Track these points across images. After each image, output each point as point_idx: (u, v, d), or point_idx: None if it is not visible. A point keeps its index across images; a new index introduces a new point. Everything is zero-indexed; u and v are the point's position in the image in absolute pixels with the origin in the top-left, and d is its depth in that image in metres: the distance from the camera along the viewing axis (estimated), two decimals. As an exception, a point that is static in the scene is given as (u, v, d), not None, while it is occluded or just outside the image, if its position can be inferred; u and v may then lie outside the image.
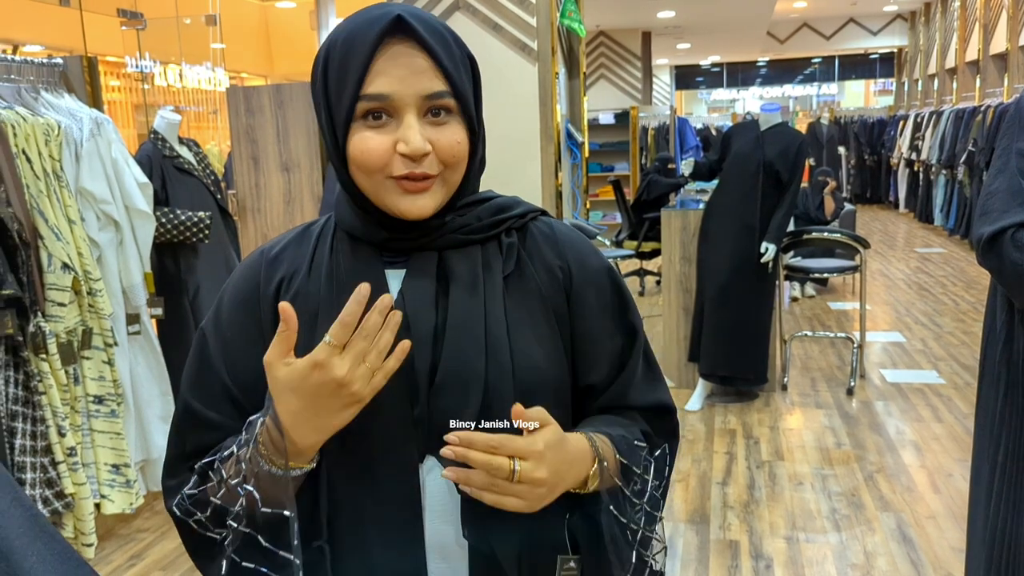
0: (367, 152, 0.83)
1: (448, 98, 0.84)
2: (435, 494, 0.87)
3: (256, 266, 0.94)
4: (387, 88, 0.82)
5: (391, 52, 0.82)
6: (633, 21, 10.28)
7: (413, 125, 0.83)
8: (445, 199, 0.88)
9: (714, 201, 4.42)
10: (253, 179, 5.23)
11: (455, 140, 0.85)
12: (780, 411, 4.29)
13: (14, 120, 2.74)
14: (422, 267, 0.89)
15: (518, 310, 0.90)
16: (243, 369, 0.90)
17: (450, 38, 0.85)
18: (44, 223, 2.77)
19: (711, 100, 23.58)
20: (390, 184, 0.85)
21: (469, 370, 0.85)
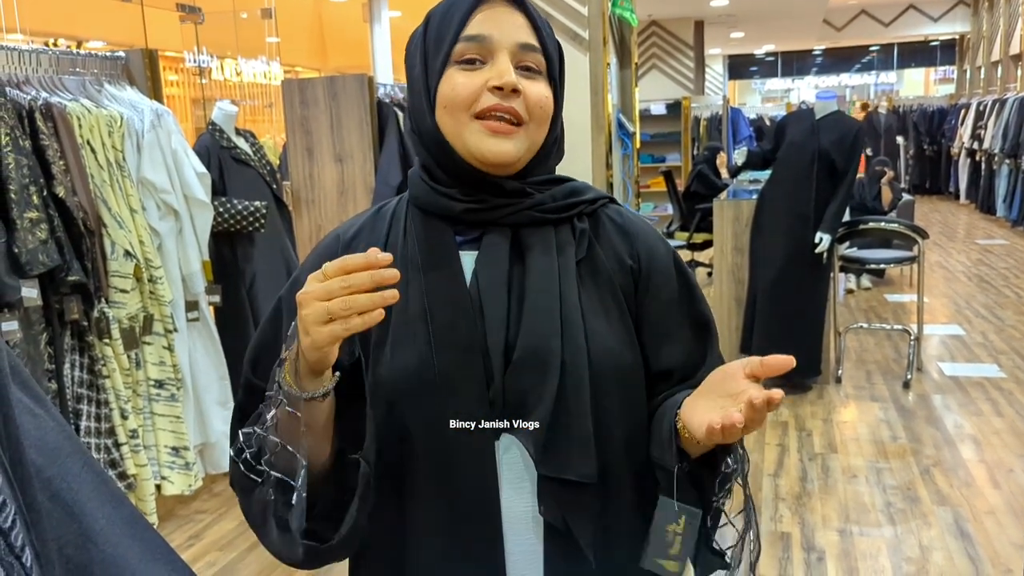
0: (458, 87, 0.87)
1: (539, 55, 0.89)
2: (511, 470, 0.88)
3: (332, 249, 0.95)
4: (486, 30, 0.87)
5: (490, 6, 0.88)
6: (686, 10, 10.16)
7: (507, 64, 0.87)
8: (526, 153, 0.90)
9: (767, 191, 4.36)
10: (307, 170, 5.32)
11: (543, 94, 0.89)
12: (834, 404, 4.22)
13: (79, 112, 2.83)
14: (495, 247, 0.90)
15: (590, 294, 0.91)
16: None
17: (541, 16, 0.92)
18: (107, 212, 2.86)
19: (765, 90, 23.19)
20: (475, 125, 0.87)
21: (546, 350, 0.86)
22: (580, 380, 0.86)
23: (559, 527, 0.87)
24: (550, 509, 0.86)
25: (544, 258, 0.89)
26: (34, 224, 2.52)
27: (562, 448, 0.86)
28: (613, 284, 0.92)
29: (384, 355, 0.89)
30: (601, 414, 0.88)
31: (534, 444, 0.85)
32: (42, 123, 2.67)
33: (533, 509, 0.88)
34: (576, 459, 0.86)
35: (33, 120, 2.64)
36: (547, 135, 0.91)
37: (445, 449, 0.87)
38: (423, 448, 0.88)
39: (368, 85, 4.45)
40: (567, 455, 0.86)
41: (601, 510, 0.89)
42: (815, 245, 4.08)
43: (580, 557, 0.87)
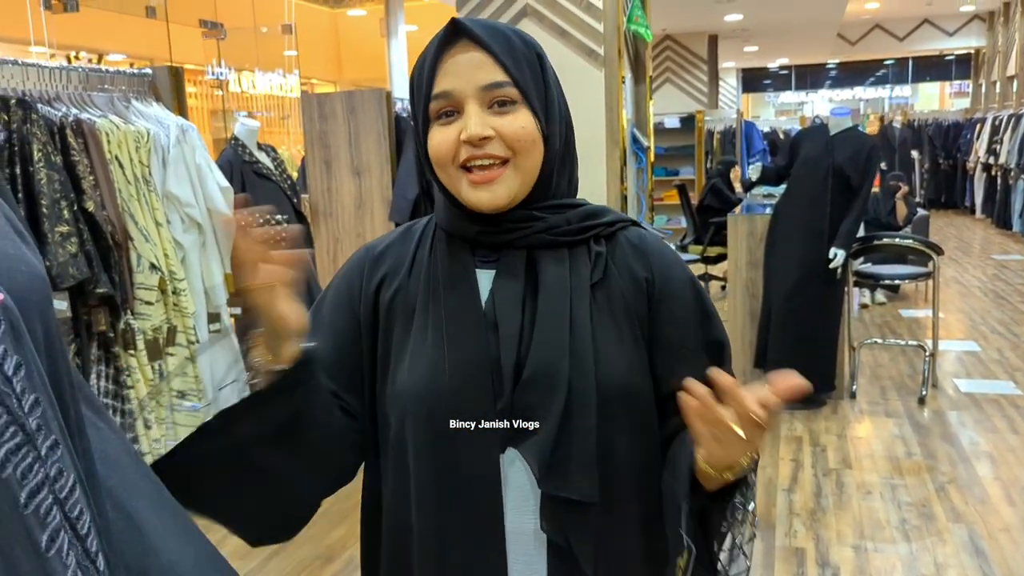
0: (437, 145, 0.91)
1: (509, 88, 0.89)
2: (515, 486, 0.91)
3: (361, 263, 1.01)
4: (448, 85, 0.89)
5: (451, 54, 0.90)
6: (700, 24, 10.21)
7: (472, 113, 0.89)
8: (521, 189, 0.92)
9: (782, 206, 4.38)
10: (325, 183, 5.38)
11: (519, 125, 0.90)
12: (848, 419, 4.23)
13: (108, 128, 2.90)
14: (511, 267, 0.93)
15: (602, 317, 0.93)
16: (329, 347, 0.96)
17: (512, 36, 0.92)
18: (134, 225, 2.92)
19: (779, 103, 23.19)
20: (461, 176, 0.91)
21: (554, 370, 0.89)
22: (586, 401, 0.89)
23: (561, 544, 0.89)
24: (552, 526, 0.89)
25: (557, 279, 0.92)
26: (64, 238, 2.58)
27: (565, 467, 0.88)
28: (627, 307, 0.94)
29: (401, 367, 0.94)
30: (607, 435, 0.90)
31: (538, 461, 0.88)
32: (73, 139, 2.73)
33: (536, 525, 0.90)
34: (578, 478, 0.88)
35: (64, 136, 2.71)
36: (545, 155, 0.92)
37: (452, 463, 0.90)
38: (429, 460, 0.91)
39: (386, 100, 4.52)
40: (569, 474, 0.88)
41: (603, 529, 0.90)
42: (829, 260, 4.10)
43: (581, 575, 0.90)
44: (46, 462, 0.53)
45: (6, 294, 0.52)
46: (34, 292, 0.56)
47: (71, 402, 0.59)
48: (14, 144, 2.55)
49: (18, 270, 0.55)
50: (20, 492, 0.50)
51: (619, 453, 0.92)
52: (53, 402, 0.55)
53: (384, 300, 0.98)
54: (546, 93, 0.92)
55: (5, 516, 0.49)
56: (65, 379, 0.59)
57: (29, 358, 0.53)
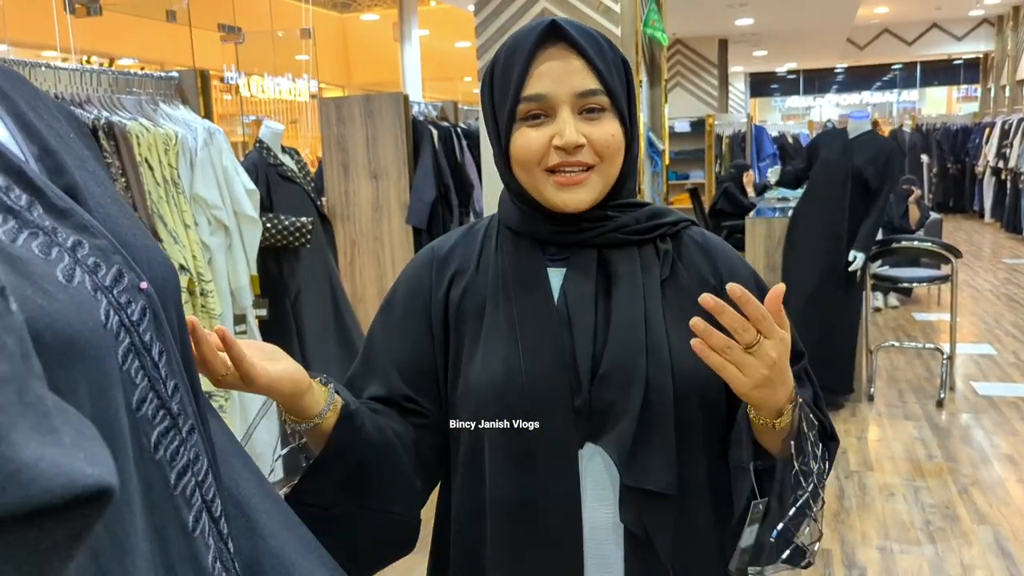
0: (525, 147, 0.91)
1: (601, 96, 0.90)
2: (593, 480, 0.92)
3: (429, 263, 1.01)
4: (543, 88, 0.90)
5: (547, 55, 0.90)
6: (711, 29, 10.23)
7: (568, 120, 0.89)
8: (603, 192, 0.93)
9: (800, 209, 4.39)
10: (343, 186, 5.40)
11: (609, 133, 0.91)
12: (867, 421, 4.24)
13: (138, 131, 2.93)
14: (582, 265, 0.94)
15: (674, 313, 0.94)
16: (403, 347, 0.99)
17: (603, 42, 0.93)
18: (163, 227, 2.94)
19: (785, 107, 23.21)
20: (547, 178, 0.91)
21: (632, 365, 0.90)
22: (664, 395, 0.90)
23: (639, 536, 0.90)
24: (632, 518, 0.90)
25: (629, 277, 0.93)
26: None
27: (645, 460, 0.89)
28: (696, 304, 0.94)
29: (474, 364, 0.94)
30: (683, 429, 0.91)
31: (618, 454, 0.89)
32: (105, 142, 2.76)
33: (614, 518, 0.91)
34: (658, 470, 0.89)
35: (97, 138, 2.74)
36: (625, 160, 0.94)
37: (529, 457, 0.91)
38: (506, 456, 0.92)
39: (403, 103, 4.54)
40: (649, 466, 0.89)
41: (680, 521, 0.92)
42: (848, 263, 4.11)
43: (659, 567, 0.91)
44: (187, 446, 0.54)
45: (148, 283, 0.54)
46: (169, 281, 0.58)
47: (199, 390, 0.60)
48: (49, 146, 2.58)
49: (156, 260, 0.57)
50: (170, 473, 0.52)
51: (694, 446, 0.93)
52: (188, 388, 0.56)
53: (454, 299, 0.98)
54: (629, 100, 0.94)
55: (159, 496, 0.51)
56: (193, 367, 0.61)
57: (169, 345, 0.55)
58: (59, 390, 0.41)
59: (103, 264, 0.52)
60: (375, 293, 4.55)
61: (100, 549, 0.44)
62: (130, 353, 0.51)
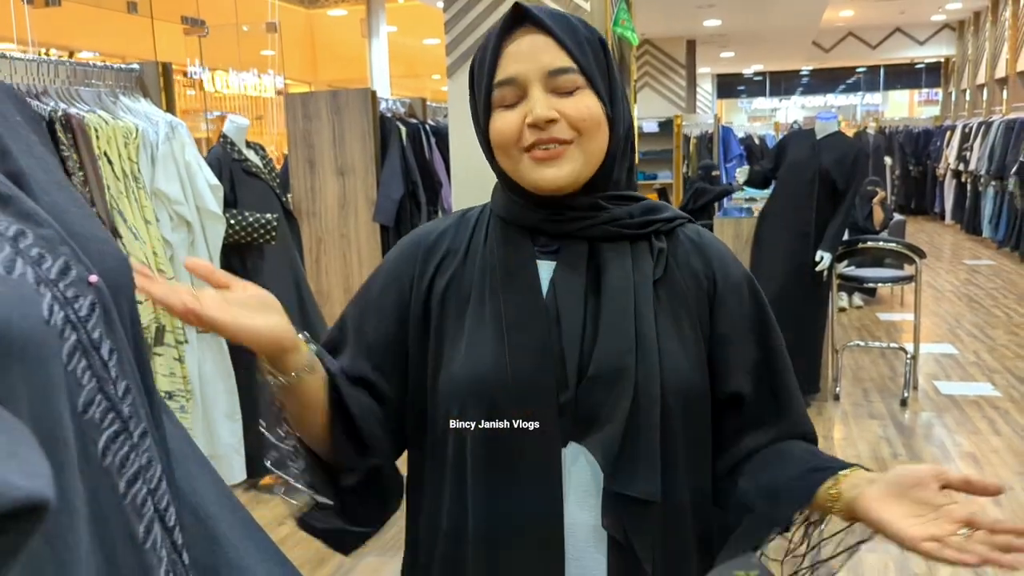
0: (501, 129, 0.90)
1: (573, 74, 0.88)
2: (577, 481, 0.89)
3: (415, 248, 0.99)
4: (513, 71, 0.89)
5: (515, 38, 0.89)
6: (679, 30, 10.28)
7: (538, 97, 0.88)
8: (585, 170, 0.90)
9: (768, 209, 4.42)
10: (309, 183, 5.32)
11: (584, 105, 0.89)
12: (833, 421, 4.27)
13: (97, 123, 2.85)
14: (572, 258, 0.92)
15: (665, 314, 0.92)
16: (374, 329, 0.97)
17: (576, 22, 0.91)
18: (123, 223, 2.87)
19: (752, 109, 23.45)
20: (525, 158, 0.89)
21: (621, 366, 0.88)
22: (652, 399, 0.88)
23: (621, 542, 0.89)
24: (614, 524, 0.88)
25: (621, 273, 0.91)
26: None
27: (630, 465, 0.87)
28: (688, 305, 0.93)
29: (458, 354, 0.92)
30: (668, 434, 0.90)
31: (604, 458, 0.87)
32: (62, 134, 2.68)
33: (596, 522, 0.89)
34: (643, 477, 0.88)
35: (53, 131, 2.65)
36: (610, 138, 0.91)
37: (512, 454, 0.89)
38: (488, 452, 0.89)
39: (371, 99, 4.48)
40: (634, 472, 0.87)
41: (661, 527, 0.90)
42: (816, 263, 4.14)
43: (640, 572, 0.89)
44: (139, 451, 0.51)
45: (98, 276, 0.50)
46: (122, 275, 0.55)
47: (152, 390, 0.57)
48: (3, 138, 2.49)
49: (108, 252, 0.54)
50: (119, 481, 0.49)
51: (677, 452, 0.91)
52: (141, 389, 0.53)
53: (438, 288, 0.96)
54: (609, 77, 0.91)
55: (107, 506, 0.47)
56: (147, 367, 0.57)
57: (120, 343, 0.51)
58: (-8, 392, 0.37)
59: (48, 255, 0.48)
60: (341, 291, 4.49)
61: (40, 565, 0.41)
62: (76, 352, 0.47)
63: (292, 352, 0.84)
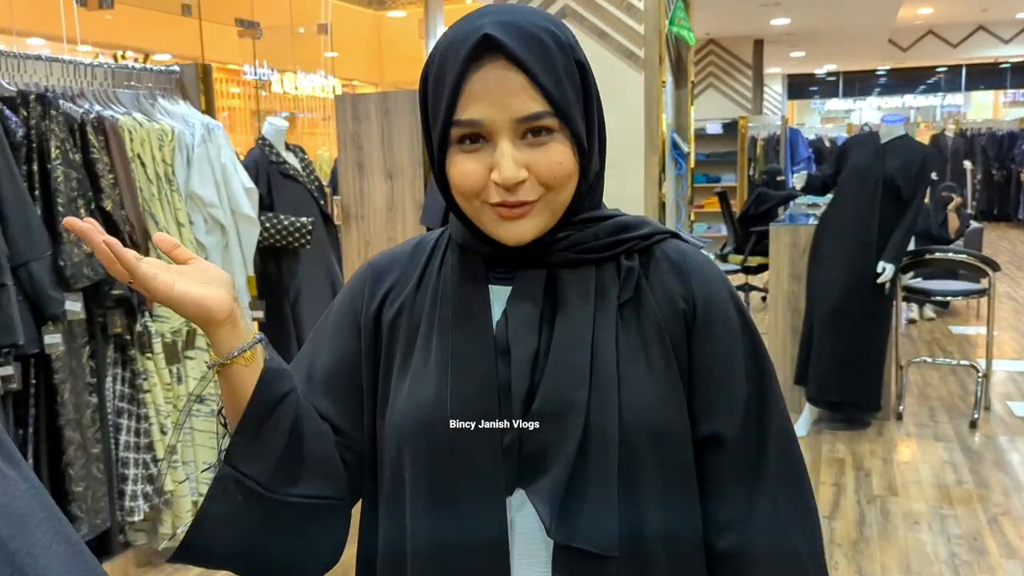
0: (462, 177, 0.80)
1: (547, 118, 0.78)
2: (524, 534, 0.81)
3: (363, 279, 0.93)
4: (478, 114, 0.78)
5: (482, 73, 0.77)
6: (745, 29, 9.99)
7: (506, 152, 0.78)
8: (549, 223, 0.82)
9: (828, 217, 4.20)
10: (358, 185, 5.30)
11: (556, 161, 0.79)
12: (894, 442, 4.03)
13: (131, 126, 2.84)
14: (528, 287, 0.84)
15: (631, 340, 0.82)
16: (328, 362, 0.91)
17: (552, 44, 0.78)
18: (155, 225, 2.85)
19: (825, 110, 22.77)
20: (487, 209, 0.81)
21: (568, 399, 0.79)
22: (606, 437, 0.78)
23: None
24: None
25: (579, 301, 0.82)
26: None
27: (578, 513, 0.78)
28: (660, 330, 0.83)
29: (401, 393, 0.86)
30: (632, 476, 0.80)
31: (548, 505, 0.78)
32: (93, 136, 2.67)
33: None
34: (593, 526, 0.78)
35: (85, 133, 2.65)
36: (578, 186, 0.83)
37: (452, 505, 0.81)
38: (428, 501, 0.82)
39: (421, 101, 4.42)
40: (583, 521, 0.78)
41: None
42: (877, 275, 3.91)
43: None
44: None
45: None
46: None
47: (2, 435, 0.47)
48: (32, 141, 2.49)
49: None
50: None
51: (646, 497, 0.81)
52: None
53: (387, 318, 0.89)
54: (586, 113, 0.81)
55: None
56: None
57: None
58: None
59: None
60: (384, 295, 4.44)
61: None
62: None
63: (224, 328, 0.80)
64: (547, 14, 0.82)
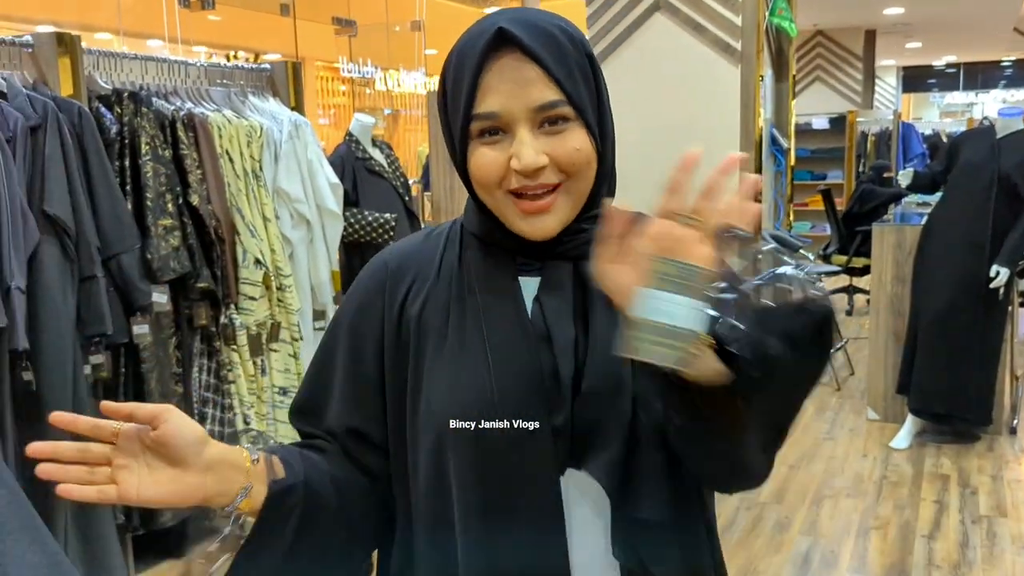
0: (482, 168, 0.82)
1: (562, 107, 0.80)
2: (579, 508, 0.83)
3: (380, 278, 0.92)
4: (496, 106, 0.80)
5: (498, 67, 0.80)
6: (856, 19, 9.55)
7: (525, 140, 0.80)
8: (572, 212, 0.84)
9: (937, 216, 3.95)
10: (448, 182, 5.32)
11: (573, 147, 0.81)
12: (1006, 458, 3.76)
13: (220, 122, 2.90)
14: (557, 277, 0.85)
15: None
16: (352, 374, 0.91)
17: (564, 39, 0.81)
18: (241, 220, 2.91)
19: (944, 104, 21.62)
20: (509, 202, 0.82)
21: (617, 380, 0.81)
22: (651, 413, 0.81)
23: (636, 571, 0.82)
24: (626, 552, 0.82)
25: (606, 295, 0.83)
26: (167, 231, 2.59)
27: (637, 485, 0.81)
28: None
29: (438, 383, 0.85)
30: (671, 452, 0.82)
31: (608, 478, 0.80)
32: (183, 133, 2.74)
33: (606, 550, 0.82)
34: (651, 496, 0.81)
35: (175, 130, 2.73)
36: (597, 173, 0.84)
37: (504, 488, 0.82)
38: (479, 487, 0.82)
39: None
40: (642, 492, 0.81)
41: (678, 552, 0.84)
42: (990, 279, 3.66)
43: None
44: None
45: None
46: None
47: None
48: (124, 137, 2.58)
49: None
50: None
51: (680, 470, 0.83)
52: None
53: (412, 314, 0.88)
54: (599, 104, 0.84)
55: None
56: None
57: None
58: None
59: None
60: (469, 292, 4.43)
61: None
62: None
63: (219, 499, 0.80)
64: (557, 14, 0.84)
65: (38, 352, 2.24)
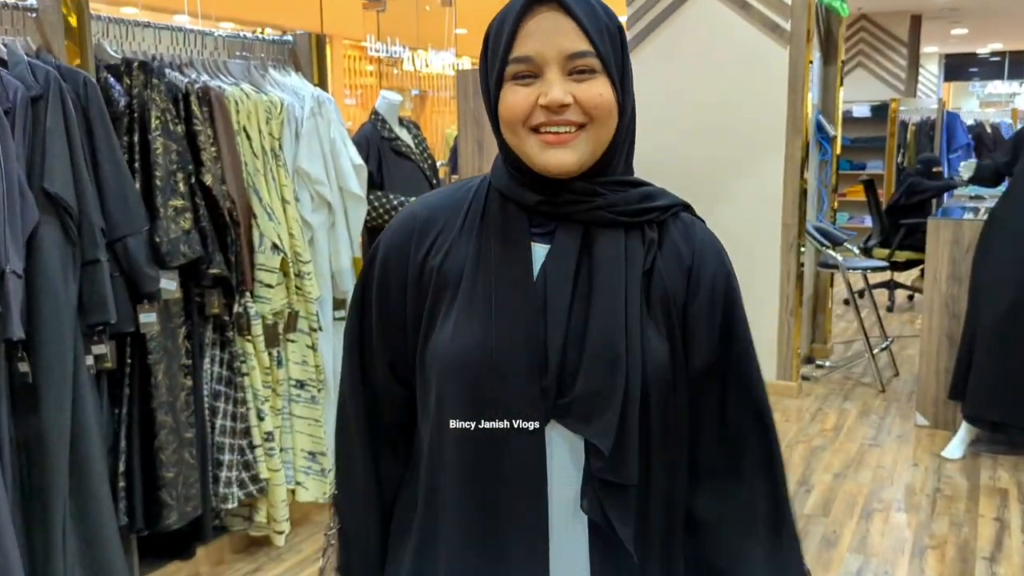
0: (512, 105, 0.90)
1: (591, 58, 0.89)
2: (559, 461, 0.92)
3: (409, 229, 0.99)
4: (531, 50, 0.89)
5: (536, 19, 0.89)
6: (901, 4, 9.19)
7: (555, 80, 0.88)
8: (590, 156, 0.91)
9: (999, 212, 3.70)
10: (477, 163, 5.11)
11: (597, 92, 0.89)
12: (1068, 472, 3.51)
13: (238, 97, 2.71)
14: (566, 242, 0.93)
15: (650, 306, 0.94)
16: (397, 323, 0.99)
17: (597, 6, 0.91)
18: (258, 202, 2.73)
19: (984, 94, 21.04)
20: (532, 137, 0.90)
21: (615, 352, 0.89)
22: (636, 387, 0.90)
23: (601, 524, 0.92)
24: (593, 507, 0.91)
25: (613, 260, 0.92)
26: (178, 213, 2.41)
27: (618, 451, 0.90)
28: (668, 301, 0.95)
29: (445, 331, 0.94)
30: (647, 421, 0.92)
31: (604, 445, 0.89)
32: (197, 107, 2.56)
33: (575, 504, 0.92)
34: (629, 463, 0.91)
35: (188, 104, 2.54)
36: (617, 126, 0.93)
37: (493, 436, 0.91)
38: (471, 433, 0.92)
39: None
40: (622, 458, 0.90)
41: (645, 510, 0.94)
42: (1058, 280, 3.40)
43: (624, 555, 0.92)
44: None
45: None
46: None
47: None
48: (134, 111, 2.40)
49: None
50: None
51: (654, 437, 0.94)
52: None
53: (435, 263, 0.97)
54: (623, 66, 0.93)
55: None
56: None
57: None
58: None
59: None
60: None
61: None
62: None
63: None
64: None
65: (36, 342, 2.07)
